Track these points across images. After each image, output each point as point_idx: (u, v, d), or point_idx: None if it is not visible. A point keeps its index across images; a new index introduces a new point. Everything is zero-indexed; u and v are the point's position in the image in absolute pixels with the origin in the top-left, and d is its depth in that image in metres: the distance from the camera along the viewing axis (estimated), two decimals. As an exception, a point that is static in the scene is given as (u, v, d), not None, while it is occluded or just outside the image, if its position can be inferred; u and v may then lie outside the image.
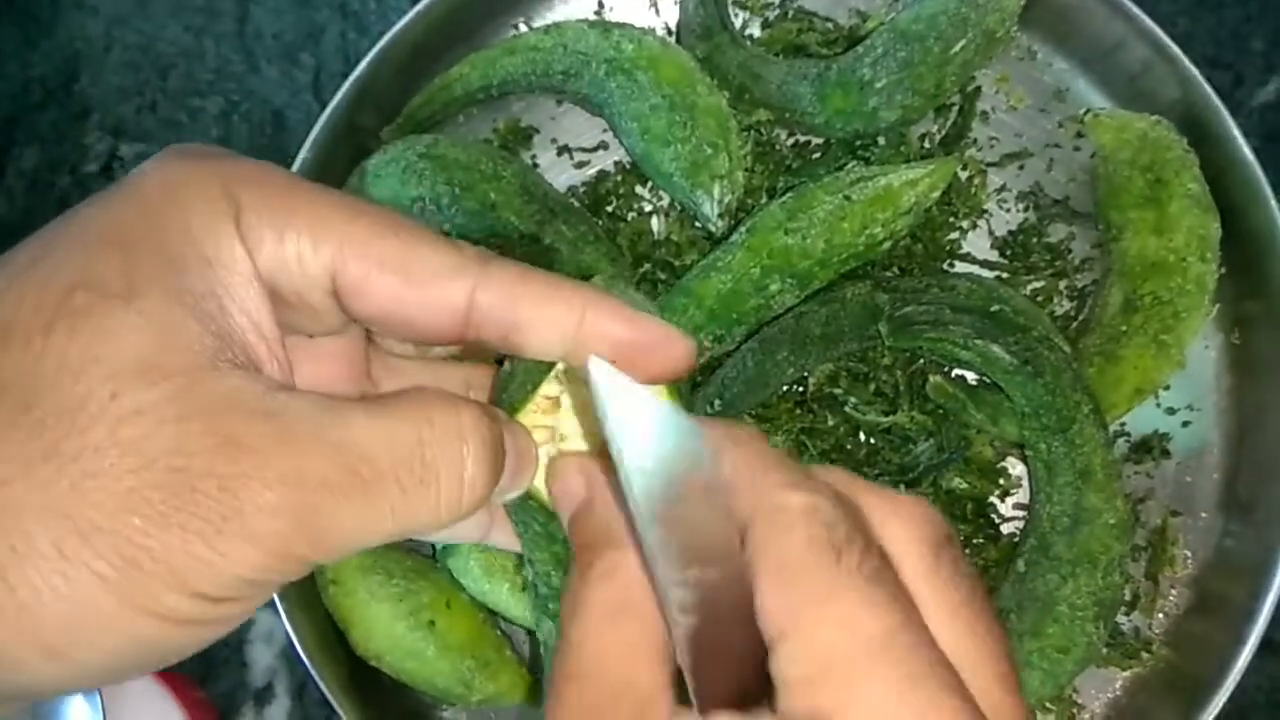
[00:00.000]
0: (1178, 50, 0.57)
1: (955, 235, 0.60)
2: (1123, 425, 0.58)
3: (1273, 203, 0.55)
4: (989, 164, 0.61)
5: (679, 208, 0.59)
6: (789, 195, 0.56)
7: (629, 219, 0.60)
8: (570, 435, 0.30)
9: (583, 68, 0.58)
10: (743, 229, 0.56)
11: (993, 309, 0.54)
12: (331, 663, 0.54)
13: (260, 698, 0.60)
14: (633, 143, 0.58)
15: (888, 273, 0.58)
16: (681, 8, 0.62)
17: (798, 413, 0.56)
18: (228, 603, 0.23)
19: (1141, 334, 0.55)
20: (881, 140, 0.59)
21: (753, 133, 0.59)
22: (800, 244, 0.54)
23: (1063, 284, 0.59)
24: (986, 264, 0.59)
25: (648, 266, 0.58)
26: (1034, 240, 0.59)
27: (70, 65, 0.67)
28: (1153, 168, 0.57)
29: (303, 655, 0.52)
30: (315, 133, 0.57)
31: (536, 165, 0.61)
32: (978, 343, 0.53)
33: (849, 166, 0.57)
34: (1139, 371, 0.55)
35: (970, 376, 0.57)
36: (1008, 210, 0.60)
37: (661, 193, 0.60)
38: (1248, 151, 0.56)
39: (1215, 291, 0.57)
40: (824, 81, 0.58)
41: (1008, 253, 0.60)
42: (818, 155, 0.60)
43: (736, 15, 0.62)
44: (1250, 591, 0.54)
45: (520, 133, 0.61)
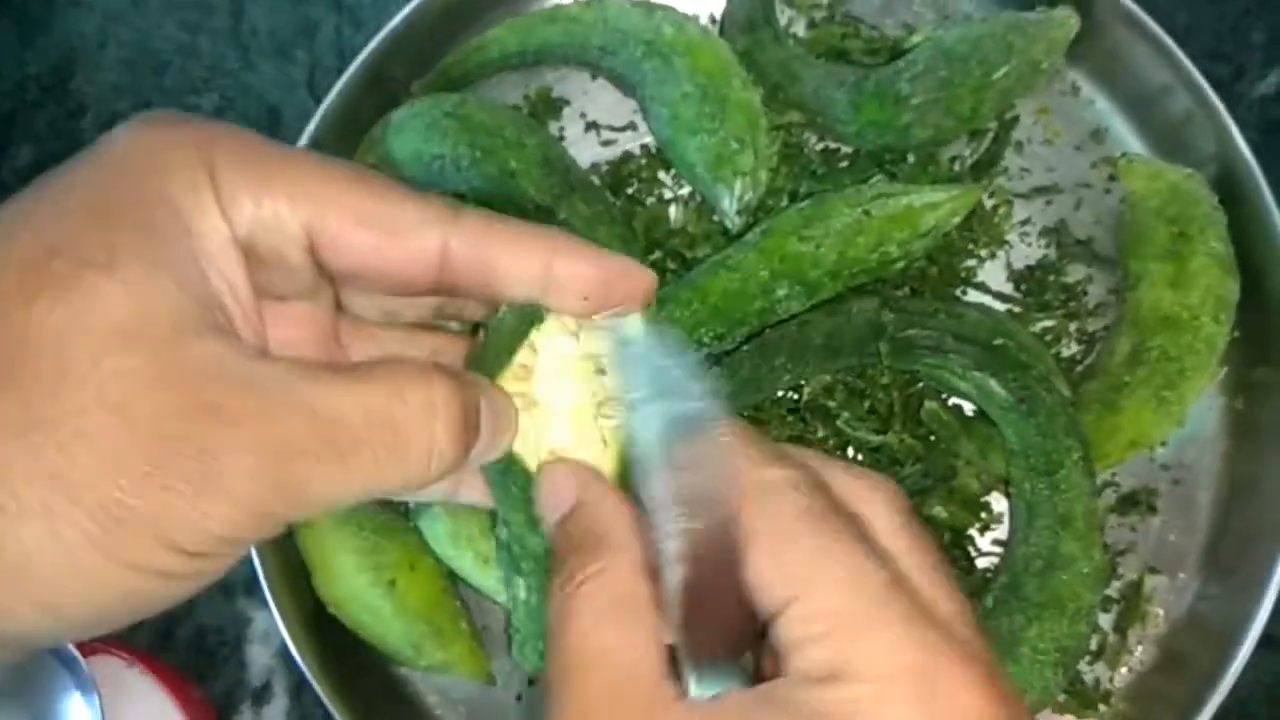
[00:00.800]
0: (1219, 104, 0.57)
1: (972, 263, 0.59)
2: (1113, 475, 0.58)
3: (1295, 271, 0.55)
4: (1017, 195, 0.60)
5: (698, 199, 0.59)
6: (808, 202, 0.55)
7: (647, 203, 0.59)
8: (542, 401, 0.31)
9: (620, 46, 0.58)
10: (758, 229, 0.55)
11: (996, 342, 0.53)
12: (295, 608, 0.54)
13: (258, 697, 0.60)
14: (660, 127, 0.58)
15: (898, 292, 0.57)
16: (728, -3, 0.61)
17: (790, 419, 0.56)
18: (208, 558, 0.24)
19: (1144, 387, 0.55)
20: (911, 158, 0.59)
21: (782, 133, 0.59)
22: (813, 252, 0.53)
23: (1074, 326, 0.59)
24: (1000, 296, 0.59)
25: (659, 254, 0.58)
26: (1051, 278, 0.59)
27: (66, 63, 0.67)
28: (1178, 221, 0.56)
29: (267, 595, 0.53)
30: (344, 79, 0.57)
31: (563, 137, 0.61)
32: (976, 374, 0.53)
33: (874, 180, 0.57)
34: (1137, 425, 0.55)
35: (967, 407, 0.57)
36: (1029, 244, 0.60)
37: (683, 182, 0.60)
38: (1277, 216, 0.56)
39: (1225, 354, 0.56)
40: (860, 91, 0.57)
41: (1023, 287, 0.59)
42: (845, 164, 0.59)
43: (783, 13, 0.62)
44: (1216, 657, 0.54)
45: (551, 103, 0.61)
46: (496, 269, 0.29)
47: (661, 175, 0.60)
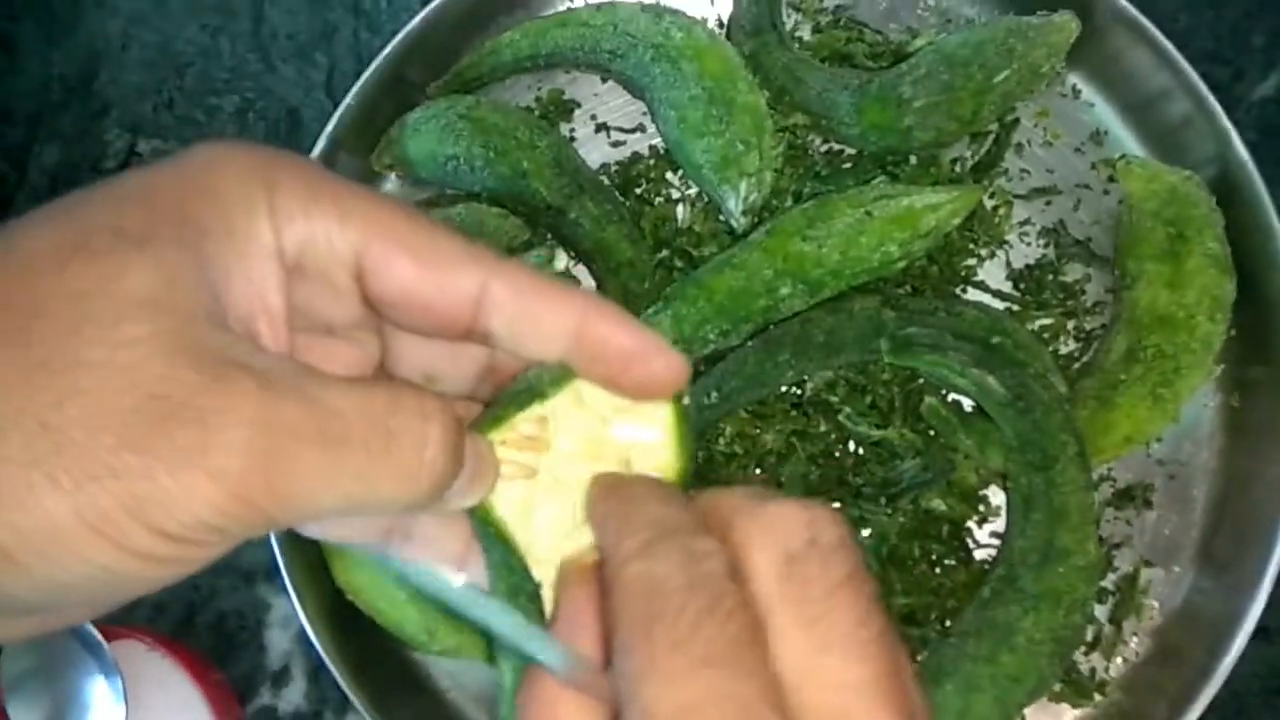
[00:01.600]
0: (1218, 107, 0.58)
1: (972, 262, 0.60)
2: (1109, 470, 0.59)
3: (1291, 271, 0.56)
4: (1016, 196, 0.61)
5: (705, 199, 0.61)
6: (812, 203, 0.57)
7: (655, 203, 0.61)
8: (545, 476, 0.31)
9: (630, 49, 0.59)
10: (763, 229, 0.57)
11: (994, 340, 0.55)
12: (313, 595, 0.56)
13: (277, 679, 0.62)
14: (668, 129, 0.59)
15: (899, 290, 0.58)
16: (735, 2, 0.63)
17: (792, 414, 0.58)
18: (183, 543, 0.23)
19: (1140, 385, 0.56)
20: (913, 159, 0.60)
21: (787, 135, 0.60)
22: (816, 252, 0.55)
23: (1071, 324, 0.60)
24: (999, 294, 0.60)
25: (666, 253, 0.59)
26: (1049, 277, 0.60)
27: (90, 64, 0.69)
28: (1176, 222, 0.57)
29: (287, 582, 0.54)
30: (362, 80, 0.59)
31: (574, 139, 0.63)
32: (974, 371, 0.54)
33: (876, 181, 0.58)
34: (1132, 421, 0.56)
35: (966, 403, 0.58)
36: (1028, 244, 0.61)
37: (690, 182, 0.61)
38: (1274, 217, 0.57)
39: (1221, 352, 0.57)
40: (863, 94, 0.58)
41: (1021, 286, 0.60)
42: (848, 166, 0.60)
43: (789, 17, 0.63)
44: (1210, 650, 0.55)
45: (562, 105, 0.63)
46: (532, 319, 0.28)
47: (669, 176, 0.62)
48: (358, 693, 0.54)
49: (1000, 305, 0.60)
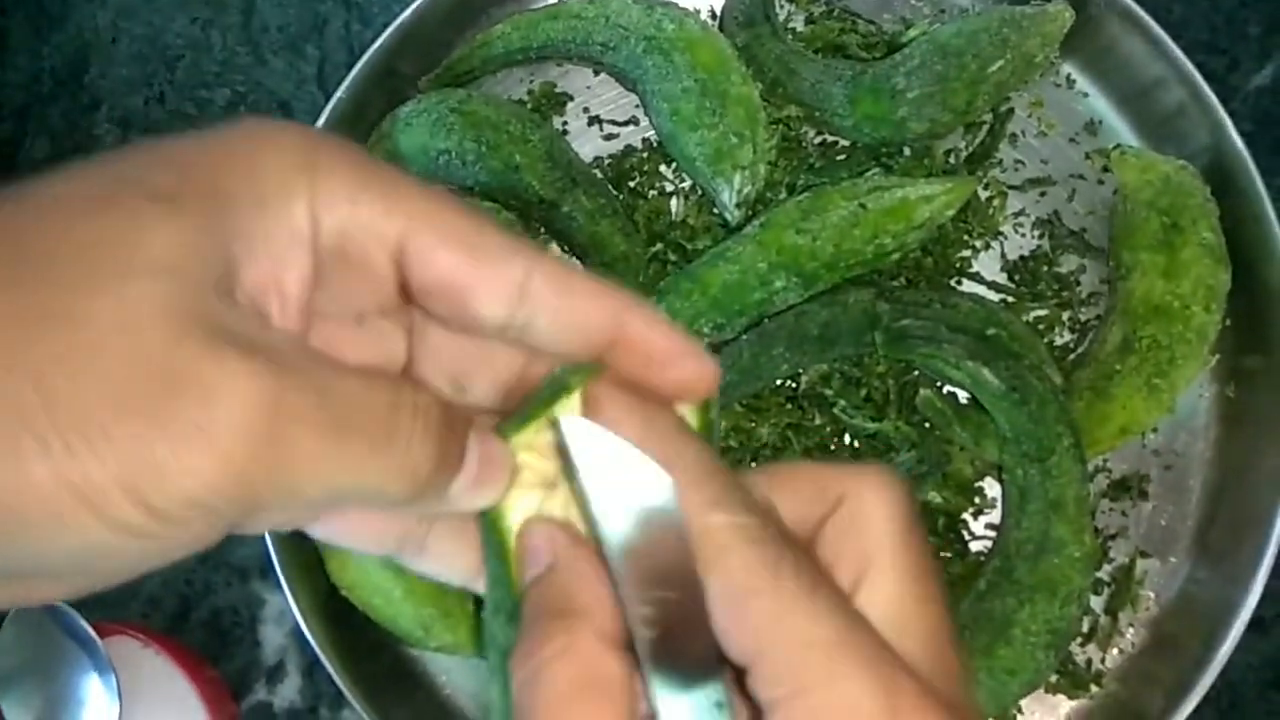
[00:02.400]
0: (1213, 97, 0.57)
1: (967, 253, 0.60)
2: (1105, 461, 0.59)
3: (1285, 261, 0.56)
4: (1011, 187, 0.61)
5: (699, 192, 0.60)
6: (805, 195, 0.56)
7: (649, 197, 0.61)
8: (564, 488, 0.30)
9: (622, 41, 0.59)
10: (757, 222, 0.56)
11: (989, 332, 0.55)
12: (308, 591, 0.56)
13: (272, 676, 0.62)
14: (661, 122, 0.59)
15: (894, 282, 0.58)
16: (728, -7, 0.62)
17: (788, 407, 0.58)
18: (168, 521, 0.22)
19: (1135, 375, 0.56)
20: (907, 150, 0.60)
21: (781, 127, 0.60)
22: (810, 245, 0.55)
23: (1066, 315, 0.60)
24: (994, 285, 0.60)
25: (660, 246, 0.59)
26: (1044, 268, 0.60)
27: (80, 57, 0.68)
28: (1170, 212, 0.57)
29: (281, 578, 0.54)
30: (354, 73, 0.58)
31: (566, 132, 0.62)
32: (969, 364, 0.54)
33: (870, 173, 0.58)
34: (1127, 412, 0.56)
35: (961, 395, 0.58)
36: (1023, 235, 0.61)
37: (684, 175, 0.61)
38: (1269, 207, 0.57)
39: (1216, 342, 0.57)
40: (857, 85, 0.58)
41: (1016, 277, 0.60)
42: (842, 157, 0.60)
43: (782, 8, 0.63)
44: (1205, 641, 0.55)
45: (554, 97, 0.62)
46: (570, 313, 0.28)
47: (663, 169, 0.61)
48: (353, 688, 0.54)
49: (995, 297, 0.60)
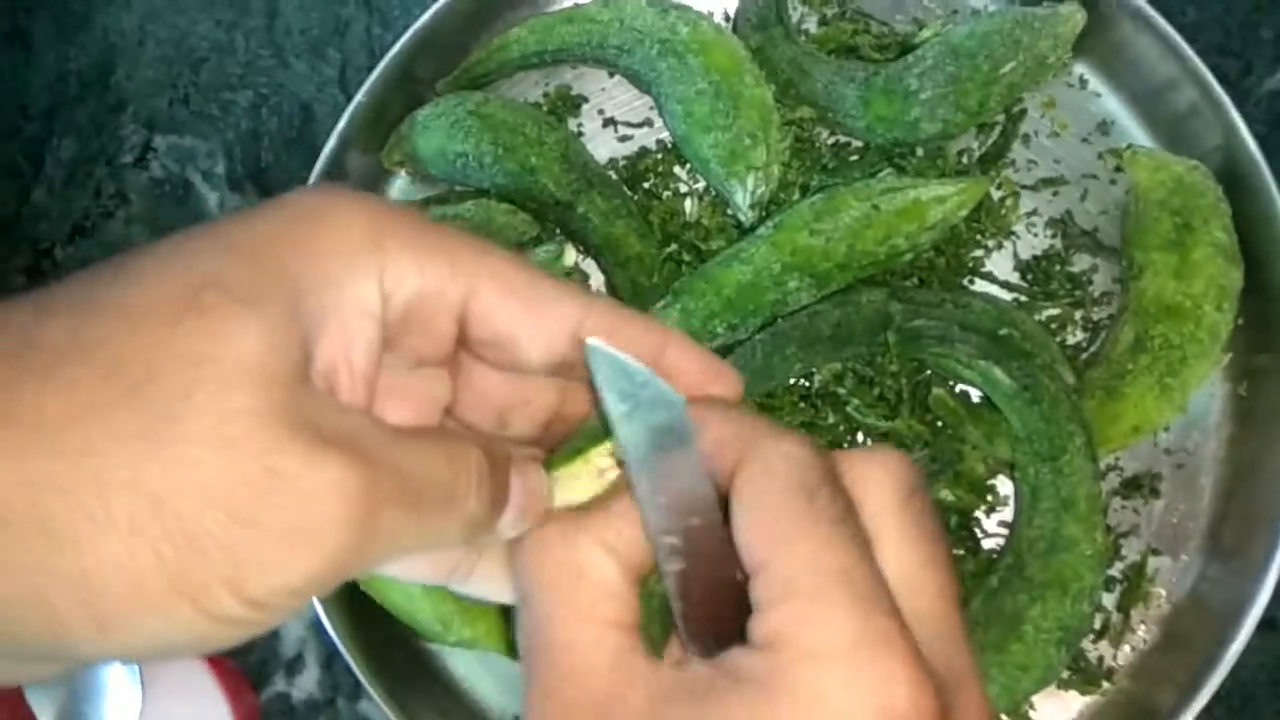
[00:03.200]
0: (1225, 97, 0.58)
1: (979, 253, 0.60)
2: (1117, 459, 0.59)
3: (1299, 260, 0.56)
4: (1023, 187, 0.61)
5: (713, 193, 0.61)
6: (819, 196, 0.57)
7: (663, 197, 0.61)
8: None
9: (636, 45, 0.60)
10: (770, 224, 0.57)
11: (1001, 332, 0.55)
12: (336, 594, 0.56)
13: (291, 667, 0.63)
14: (675, 124, 0.60)
15: (906, 282, 0.59)
16: (741, -5, 0.63)
17: (801, 406, 0.58)
18: (269, 610, 0.24)
19: (1147, 374, 0.56)
20: (920, 151, 0.60)
21: (794, 128, 0.60)
22: (823, 246, 0.55)
23: (1079, 314, 0.60)
24: (1006, 285, 0.60)
25: (675, 247, 0.59)
26: (1057, 268, 0.60)
27: (106, 59, 0.69)
28: (1182, 212, 0.57)
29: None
30: (373, 77, 0.59)
31: (581, 133, 0.63)
32: (981, 363, 0.55)
33: (883, 174, 0.59)
34: (1139, 411, 0.56)
35: (973, 394, 0.58)
36: (1035, 235, 0.61)
37: (698, 176, 0.61)
38: (1281, 207, 0.57)
39: (1229, 341, 0.58)
40: (870, 86, 0.59)
41: (1029, 277, 0.60)
42: (855, 158, 0.61)
43: (795, 9, 0.63)
44: (1217, 638, 0.55)
45: (570, 100, 0.63)
46: (622, 346, 0.30)
47: (677, 170, 0.62)
48: (372, 681, 0.55)
49: (1008, 296, 0.60)
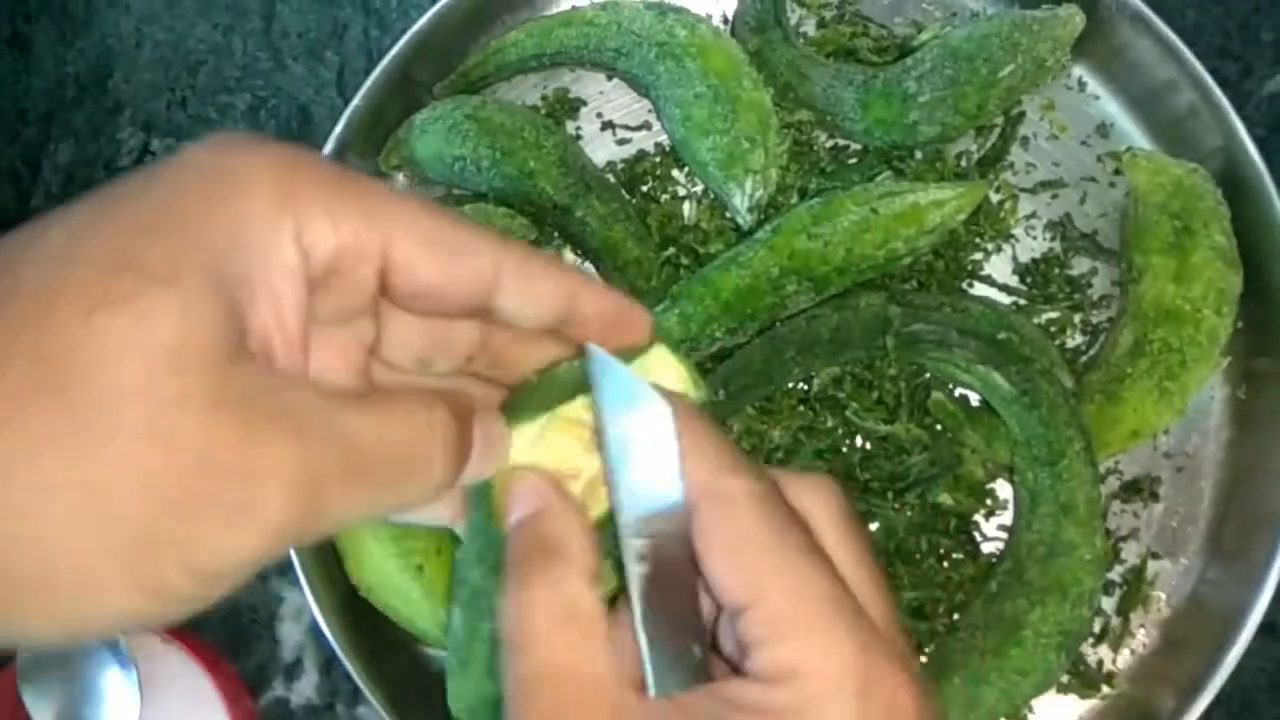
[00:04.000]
0: (1224, 100, 0.58)
1: (979, 256, 0.60)
2: (1117, 463, 0.59)
3: (1298, 263, 0.56)
4: (1022, 190, 0.61)
5: (711, 196, 0.61)
6: (817, 200, 0.57)
7: (661, 201, 0.61)
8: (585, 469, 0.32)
9: (634, 48, 0.60)
10: (768, 227, 0.57)
11: (1000, 336, 0.55)
12: (327, 590, 0.56)
13: (290, 672, 0.63)
14: (673, 128, 0.59)
15: (905, 285, 0.59)
16: (740, -2, 0.63)
17: (799, 410, 0.58)
18: (220, 585, 0.24)
19: (1146, 378, 0.56)
20: (918, 154, 0.60)
21: (792, 131, 0.60)
22: (821, 250, 0.55)
23: (1078, 317, 0.60)
24: (1005, 288, 0.60)
25: (673, 250, 0.59)
26: (1056, 271, 0.60)
27: (104, 62, 0.69)
28: (1182, 215, 0.57)
29: (302, 580, 0.55)
30: (370, 81, 0.59)
31: (579, 136, 0.63)
32: (980, 368, 0.55)
33: (881, 177, 0.58)
34: (1138, 414, 0.56)
35: (972, 397, 0.58)
36: (1034, 238, 0.61)
37: (696, 179, 0.61)
38: (1281, 209, 0.57)
39: (1228, 344, 0.57)
40: (868, 90, 0.59)
41: (1028, 280, 0.60)
42: (854, 161, 0.61)
43: (793, 12, 0.63)
44: (1217, 642, 0.55)
45: (568, 103, 0.63)
46: (535, 296, 0.31)
47: (675, 173, 0.62)
48: (371, 686, 0.55)
49: (1007, 299, 0.60)
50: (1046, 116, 0.62)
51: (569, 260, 0.60)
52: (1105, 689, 0.58)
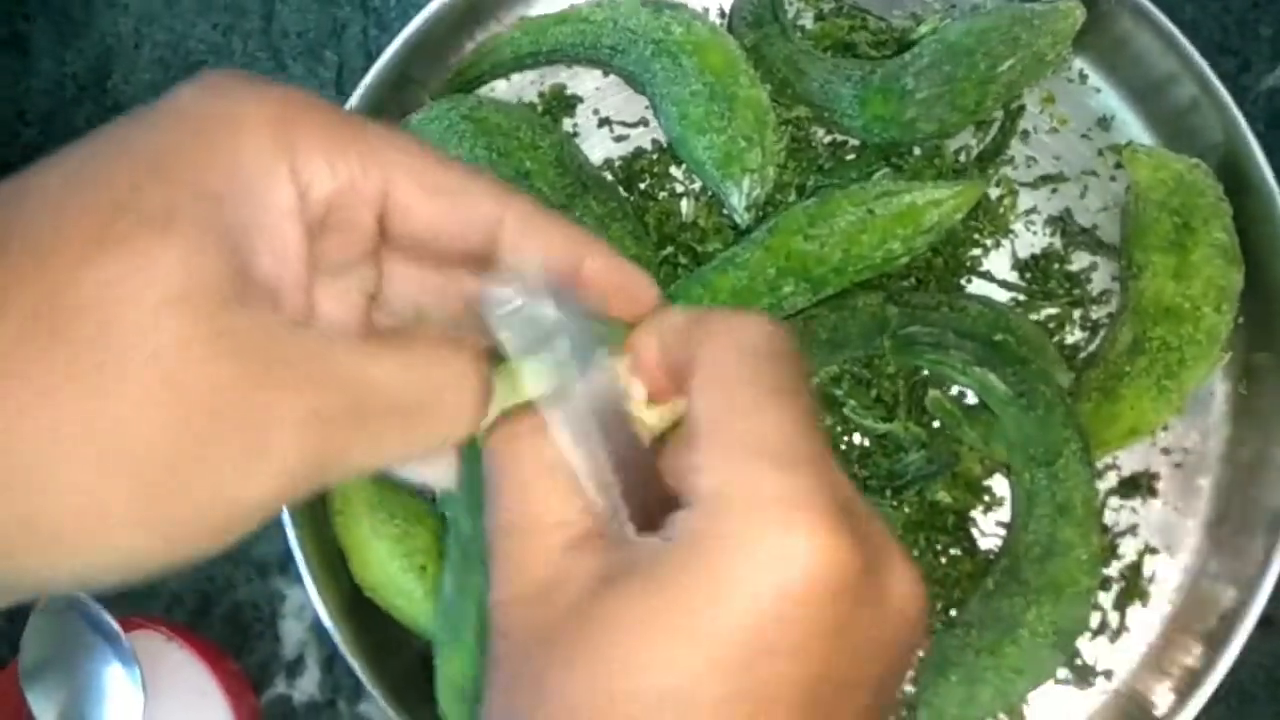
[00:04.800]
0: (1225, 94, 0.57)
1: (977, 252, 0.60)
2: (1114, 459, 0.59)
3: (1299, 259, 0.56)
4: (1022, 184, 0.61)
5: (709, 193, 0.61)
6: (814, 200, 0.57)
7: (659, 198, 0.61)
8: None
9: (630, 45, 0.59)
10: (765, 227, 0.57)
11: (996, 337, 0.55)
12: (331, 589, 0.57)
13: (292, 669, 0.63)
14: (670, 125, 0.59)
15: (904, 282, 0.58)
16: (737, -8, 0.62)
17: (798, 408, 0.58)
18: (232, 531, 0.24)
19: (1144, 376, 0.56)
20: (917, 150, 0.60)
21: (790, 128, 0.60)
22: (818, 250, 0.55)
23: (1077, 314, 0.60)
24: (1004, 284, 0.60)
25: (671, 249, 0.59)
26: (1055, 266, 0.60)
27: (103, 62, 0.69)
28: (1182, 211, 0.57)
29: (305, 578, 0.55)
30: (367, 81, 0.59)
31: (576, 134, 0.62)
32: (976, 369, 0.55)
33: (879, 174, 0.58)
34: (1136, 412, 0.56)
35: (971, 395, 0.58)
36: (1034, 233, 0.61)
37: (694, 176, 0.61)
38: (1282, 205, 0.56)
39: (1228, 340, 0.57)
40: (866, 85, 0.58)
41: (1027, 276, 0.60)
42: (852, 158, 0.60)
43: (791, 5, 0.62)
44: (1215, 639, 0.56)
45: (564, 100, 0.62)
46: (537, 249, 0.30)
47: (673, 170, 0.61)
48: (374, 682, 0.55)
49: (1005, 295, 0.60)
50: (1047, 109, 0.62)
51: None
52: (1103, 683, 0.58)
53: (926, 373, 0.58)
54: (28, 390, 0.22)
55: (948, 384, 0.58)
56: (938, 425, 0.58)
